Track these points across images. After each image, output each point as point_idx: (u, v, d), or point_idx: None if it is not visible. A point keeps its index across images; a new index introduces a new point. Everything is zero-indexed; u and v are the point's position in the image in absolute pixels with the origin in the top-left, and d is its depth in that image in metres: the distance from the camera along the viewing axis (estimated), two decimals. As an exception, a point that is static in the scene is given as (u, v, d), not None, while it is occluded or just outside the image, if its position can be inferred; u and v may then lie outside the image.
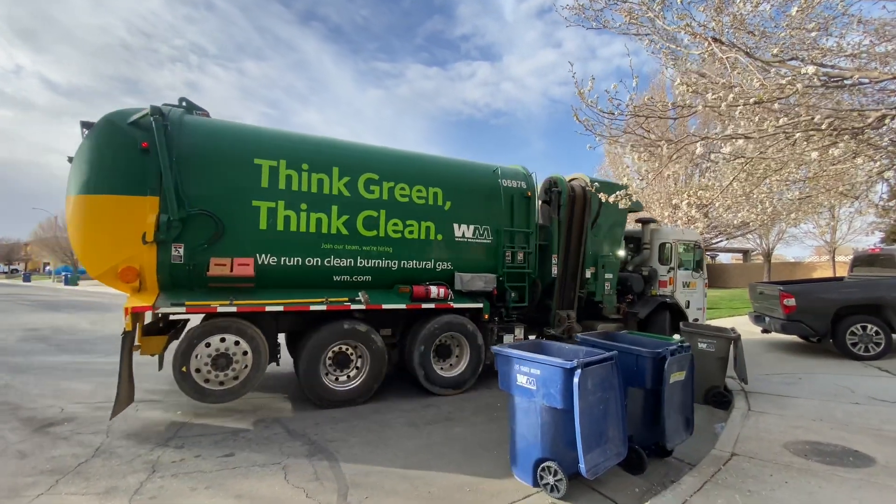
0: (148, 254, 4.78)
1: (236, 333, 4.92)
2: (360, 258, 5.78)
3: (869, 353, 7.66)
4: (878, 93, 3.81)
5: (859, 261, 9.74)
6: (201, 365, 4.77)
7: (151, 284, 4.88)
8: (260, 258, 5.22)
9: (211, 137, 5.26)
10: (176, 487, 3.43)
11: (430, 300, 5.94)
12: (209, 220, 5.02)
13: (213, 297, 4.92)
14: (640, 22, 4.47)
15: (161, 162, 4.75)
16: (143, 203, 4.76)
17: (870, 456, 3.76)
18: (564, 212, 7.39)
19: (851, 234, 27.88)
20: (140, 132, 4.81)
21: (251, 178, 5.26)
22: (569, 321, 7.27)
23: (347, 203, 5.74)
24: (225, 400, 4.90)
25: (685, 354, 4.00)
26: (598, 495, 3.37)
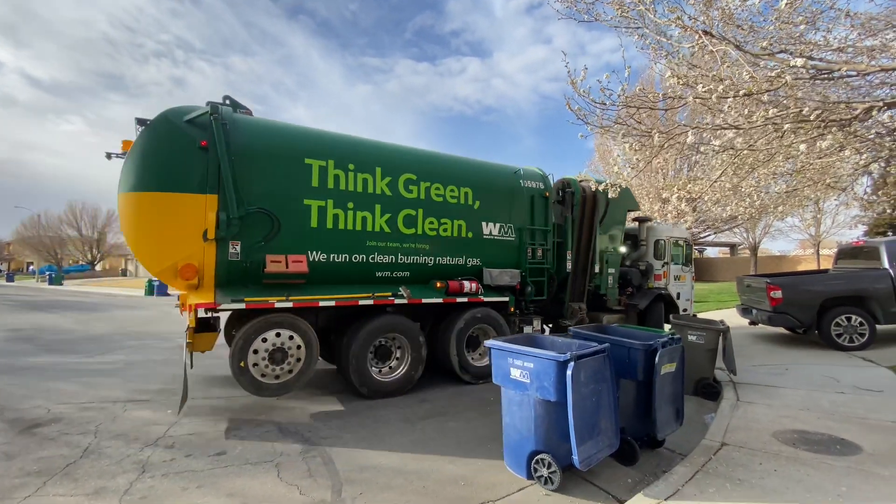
0: (207, 251, 4.85)
1: (290, 328, 5.04)
2: (400, 255, 6.07)
3: (853, 343, 7.81)
4: (866, 85, 3.87)
5: (843, 254, 9.91)
6: (259, 360, 4.88)
7: (208, 281, 4.92)
8: (311, 255, 5.39)
9: (264, 136, 5.36)
10: (166, 487, 3.38)
11: (463, 294, 6.25)
12: (266, 218, 5.15)
13: (267, 293, 5.04)
14: (630, 16, 4.48)
15: (221, 160, 4.82)
16: (202, 201, 4.81)
17: (856, 444, 3.84)
18: (577, 211, 7.90)
19: (835, 228, 28.39)
20: (197, 130, 4.85)
21: (302, 178, 5.42)
22: (580, 313, 7.79)
23: (389, 202, 5.99)
24: (280, 393, 5.06)
25: (676, 346, 4.04)
26: (592, 486, 3.39)
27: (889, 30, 3.83)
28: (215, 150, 4.82)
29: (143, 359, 8.03)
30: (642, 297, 8.77)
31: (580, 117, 4.65)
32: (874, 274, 8.15)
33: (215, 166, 4.84)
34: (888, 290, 7.88)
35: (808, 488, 3.12)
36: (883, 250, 8.23)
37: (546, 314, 7.79)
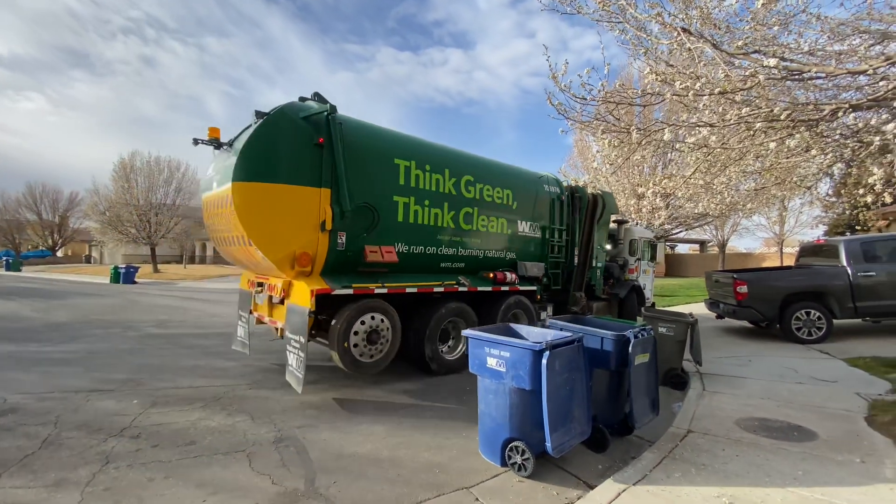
0: (321, 241, 5.19)
1: (382, 312, 5.49)
2: (460, 248, 6.74)
3: (811, 336, 8.19)
4: (833, 88, 4.02)
5: (805, 251, 10.34)
6: (359, 340, 5.26)
7: (317, 269, 5.29)
8: (397, 246, 5.91)
9: (365, 136, 5.77)
10: (132, 478, 3.28)
11: (506, 283, 7.03)
12: (368, 211, 5.58)
13: (364, 280, 5.51)
14: (611, 10, 4.51)
15: (336, 157, 5.17)
16: (317, 194, 5.13)
17: (812, 431, 4.04)
18: (582, 214, 8.97)
19: (798, 227, 29.76)
20: (311, 128, 5.13)
21: (393, 176, 5.89)
22: (582, 300, 8.80)
23: (454, 200, 6.60)
24: (373, 371, 5.50)
25: (648, 337, 4.15)
26: (564, 472, 3.46)
27: (856, 35, 3.98)
28: (331, 148, 5.17)
29: (108, 347, 7.75)
30: (621, 288, 10.10)
31: (561, 112, 4.68)
32: (832, 271, 8.54)
33: (329, 162, 5.18)
34: (845, 287, 8.28)
35: (768, 472, 3.27)
36: (842, 249, 8.63)
37: (555, 301, 8.68)
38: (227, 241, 5.68)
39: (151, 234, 32.11)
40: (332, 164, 5.18)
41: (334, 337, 5.10)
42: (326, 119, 5.17)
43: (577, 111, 4.38)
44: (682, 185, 6.32)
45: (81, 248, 58.05)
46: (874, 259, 8.46)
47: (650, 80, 4.01)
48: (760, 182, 6.63)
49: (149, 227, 31.88)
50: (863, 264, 8.35)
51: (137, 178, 32.08)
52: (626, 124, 4.52)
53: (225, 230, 5.49)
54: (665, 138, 4.09)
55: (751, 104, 3.56)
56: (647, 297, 11.00)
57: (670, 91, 3.74)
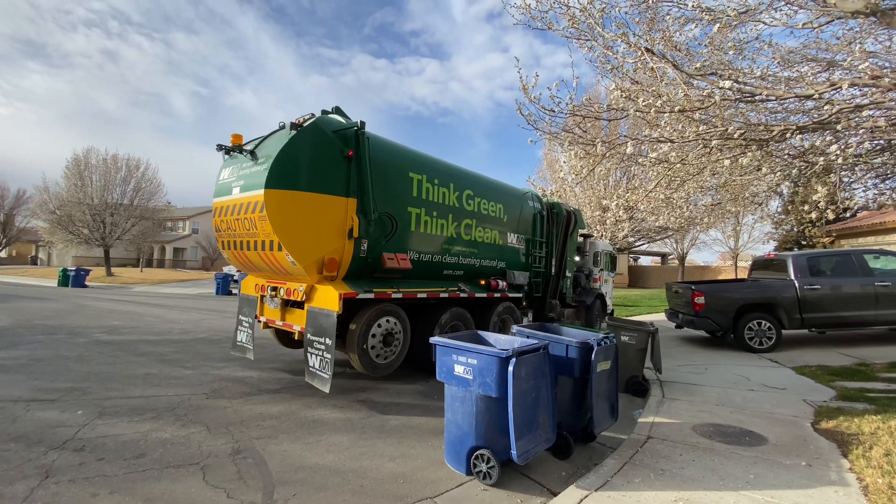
0: (347, 248, 5.42)
1: (395, 316, 5.79)
2: (460, 257, 7.15)
3: (762, 346, 8.60)
4: (782, 111, 4.28)
5: (757, 265, 10.88)
6: (376, 343, 5.56)
7: (341, 275, 5.54)
8: (410, 254, 6.25)
9: (385, 151, 6.07)
10: (74, 493, 3.06)
11: (498, 290, 7.54)
12: (388, 221, 5.91)
13: (381, 285, 5.79)
14: (580, 28, 4.67)
15: (363, 170, 5.46)
16: (345, 203, 5.40)
17: (762, 436, 4.22)
18: (559, 228, 9.68)
19: (751, 243, 31.43)
20: (340, 141, 5.42)
21: (408, 188, 6.24)
22: (557, 307, 9.63)
23: (457, 213, 7.03)
24: (386, 372, 5.76)
25: (610, 345, 4.24)
26: (528, 480, 3.48)
27: (804, 63, 4.27)
28: (359, 160, 5.46)
29: (52, 355, 7.26)
30: (588, 296, 10.97)
31: (530, 123, 4.80)
32: (781, 284, 9.02)
33: (356, 174, 5.48)
34: (793, 299, 8.75)
35: (722, 476, 3.38)
36: (790, 263, 9.13)
37: (534, 308, 9.26)
38: (245, 246, 5.77)
39: (105, 236, 30.44)
40: (358, 175, 5.48)
41: (354, 339, 5.35)
42: (356, 134, 5.49)
43: (546, 122, 4.49)
44: (644, 199, 6.55)
45: (27, 249, 54.49)
46: (819, 273, 9.00)
47: (616, 97, 4.16)
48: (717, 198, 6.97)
49: (103, 227, 30.22)
50: (809, 278, 8.86)
51: (92, 176, 30.45)
52: (592, 137, 4.66)
53: (247, 235, 5.60)
54: (628, 151, 4.23)
55: (708, 123, 3.74)
56: (608, 304, 12.04)
57: (634, 107, 3.89)
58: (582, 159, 4.59)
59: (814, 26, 4.03)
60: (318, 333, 5.19)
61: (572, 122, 4.87)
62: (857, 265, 8.94)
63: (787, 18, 4.22)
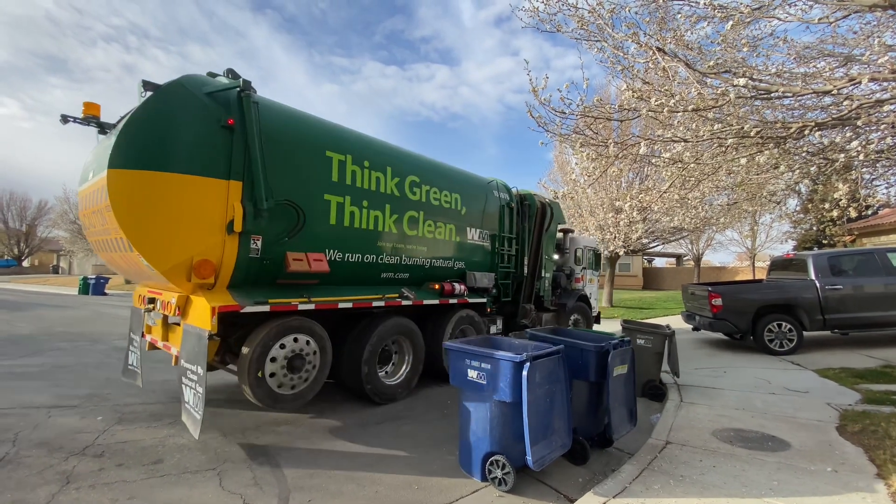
0: (229, 246, 4.23)
1: (307, 332, 4.62)
2: (403, 256, 6.03)
3: (783, 348, 8.40)
4: (799, 108, 4.19)
5: (776, 265, 10.66)
6: (277, 368, 4.33)
7: (223, 281, 4.32)
8: (328, 253, 5.07)
9: (290, 122, 4.92)
10: (93, 499, 3.11)
11: (454, 296, 6.46)
12: (292, 211, 4.69)
13: (285, 293, 4.63)
14: (590, 29, 4.64)
15: (250, 144, 4.28)
16: (224, 188, 4.19)
17: (786, 441, 4.11)
18: (531, 222, 8.57)
19: (769, 242, 30.81)
20: (219, 106, 4.21)
21: (324, 171, 5.06)
22: (532, 313, 8.41)
23: (397, 203, 5.91)
24: (296, 405, 4.57)
25: (626, 349, 4.18)
26: (544, 486, 3.43)
27: (821, 58, 4.18)
28: (243, 132, 4.28)
29: (74, 362, 7.42)
30: (569, 298, 9.82)
31: (541, 125, 4.77)
32: (802, 284, 8.81)
33: (241, 149, 4.28)
34: (814, 300, 8.54)
35: (744, 483, 3.30)
36: (810, 263, 8.92)
37: (504, 314, 8.17)
38: (105, 246, 4.67)
39: (124, 245, 31.08)
40: (244, 151, 4.28)
41: (245, 365, 4.15)
42: (238, 97, 4.30)
43: (556, 124, 4.46)
44: (657, 200, 6.47)
45: (49, 259, 55.89)
46: (841, 273, 8.77)
47: (627, 97, 4.12)
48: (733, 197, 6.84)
49: (122, 236, 30.87)
50: (830, 278, 8.64)
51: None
52: (603, 138, 4.61)
53: (102, 232, 4.48)
54: (641, 152, 4.18)
55: (722, 121, 3.68)
56: (593, 306, 10.81)
57: (646, 107, 3.84)
58: (594, 161, 4.54)
59: (830, 21, 3.94)
60: (191, 360, 4.09)
61: (583, 124, 4.84)
62: (881, 264, 8.69)
63: (803, 14, 4.14)
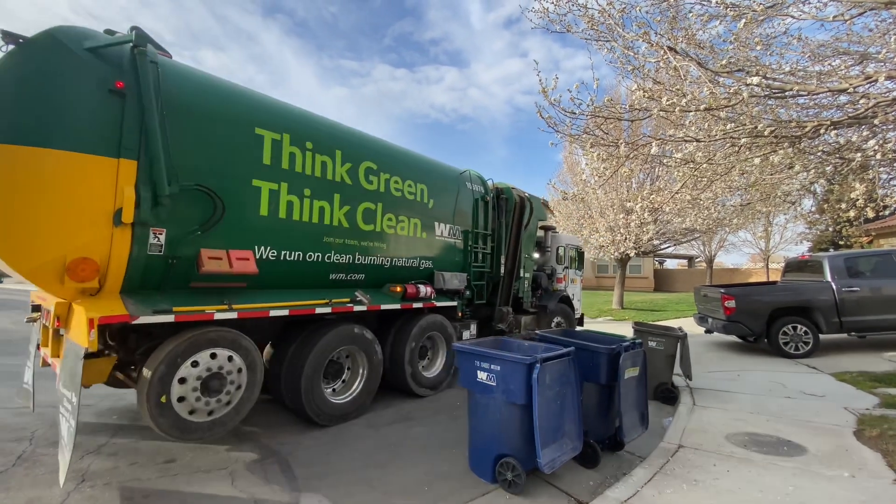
0: (117, 241, 3.44)
1: (230, 346, 3.83)
2: (357, 254, 5.27)
3: (799, 351, 8.25)
4: (814, 106, 4.13)
5: (790, 267, 10.48)
6: (188, 391, 3.57)
7: (114, 284, 3.53)
8: (259, 251, 4.28)
9: (205, 90, 4.10)
10: (108, 497, 3.16)
11: (419, 299, 5.79)
12: (206, 199, 3.89)
13: (200, 300, 3.85)
14: (599, 29, 4.63)
15: (147, 113, 3.48)
16: (112, 168, 3.37)
17: (802, 446, 4.03)
18: (509, 217, 7.93)
19: (783, 244, 30.38)
20: (105, 65, 3.41)
21: (252, 151, 4.26)
22: (509, 316, 7.74)
23: (349, 192, 5.14)
24: (215, 434, 3.79)
25: (638, 351, 4.14)
26: (555, 489, 3.40)
27: (836, 56, 4.11)
28: (137, 98, 3.47)
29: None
30: (550, 299, 9.21)
31: (550, 125, 4.76)
32: (818, 286, 8.65)
33: (134, 121, 3.47)
34: (830, 302, 8.38)
35: (760, 488, 3.24)
36: (826, 264, 8.76)
37: (479, 318, 7.52)
38: None
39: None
40: (140, 123, 3.49)
41: (143, 390, 3.39)
42: (132, 55, 3.51)
43: (566, 124, 4.44)
44: (669, 200, 6.40)
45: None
46: (858, 274, 8.60)
47: (638, 97, 4.09)
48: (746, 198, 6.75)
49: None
50: (847, 280, 8.48)
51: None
52: (614, 138, 4.59)
53: None
54: (652, 152, 4.15)
55: (735, 121, 3.64)
56: (575, 307, 10.25)
57: (657, 107, 3.81)
58: (604, 161, 4.51)
59: (845, 18, 3.88)
60: (66, 384, 3.30)
61: (593, 124, 4.81)
62: (900, 265, 8.50)
63: (817, 11, 4.08)
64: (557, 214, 18.52)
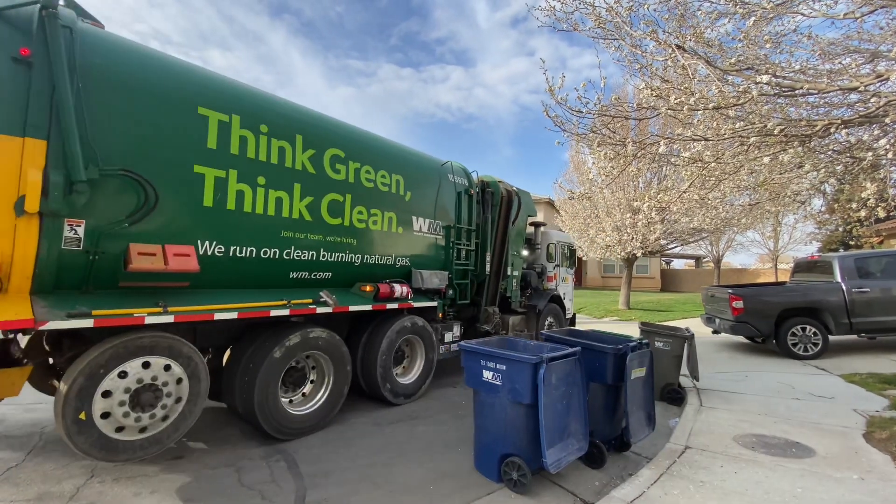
0: (22, 233, 3.01)
1: (167, 354, 3.43)
2: (322, 250, 4.81)
3: (808, 352, 8.17)
4: (824, 105, 4.09)
5: (800, 267, 10.38)
6: (113, 405, 3.16)
7: (20, 283, 3.08)
8: (202, 246, 3.84)
9: (134, 64, 3.58)
10: (117, 492, 3.19)
11: (394, 300, 5.35)
12: (134, 186, 3.44)
13: (130, 302, 3.40)
14: (607, 28, 4.60)
15: (58, 85, 3.06)
16: (15, 148, 2.96)
17: (810, 447, 3.99)
18: (495, 212, 7.57)
19: (792, 244, 30.05)
20: (6, 28, 2.99)
21: (194, 134, 3.82)
22: (495, 317, 7.41)
23: (312, 182, 4.68)
24: (147, 453, 3.37)
25: (644, 351, 4.12)
26: (560, 489, 3.40)
27: (846, 55, 4.07)
28: (46, 67, 3.06)
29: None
30: (539, 299, 8.86)
31: (557, 124, 4.74)
32: (827, 287, 8.56)
33: (44, 93, 3.06)
34: (840, 303, 8.29)
35: (767, 490, 3.22)
36: (836, 265, 8.66)
37: (463, 318, 7.19)
38: None
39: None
40: (50, 96, 3.08)
41: (59, 406, 3.02)
42: (40, 17, 3.07)
43: (573, 123, 4.43)
44: (677, 200, 6.36)
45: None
46: (869, 275, 8.50)
47: (645, 96, 4.07)
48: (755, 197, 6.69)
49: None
50: (857, 280, 8.38)
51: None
52: (621, 137, 4.56)
53: None
54: (661, 151, 4.13)
55: (745, 119, 3.61)
56: (567, 307, 9.90)
57: (665, 106, 3.79)
58: (612, 160, 4.49)
59: (856, 16, 3.83)
60: None
61: (600, 123, 4.79)
62: (911, 266, 8.39)
63: (827, 9, 4.03)
64: (564, 214, 18.46)
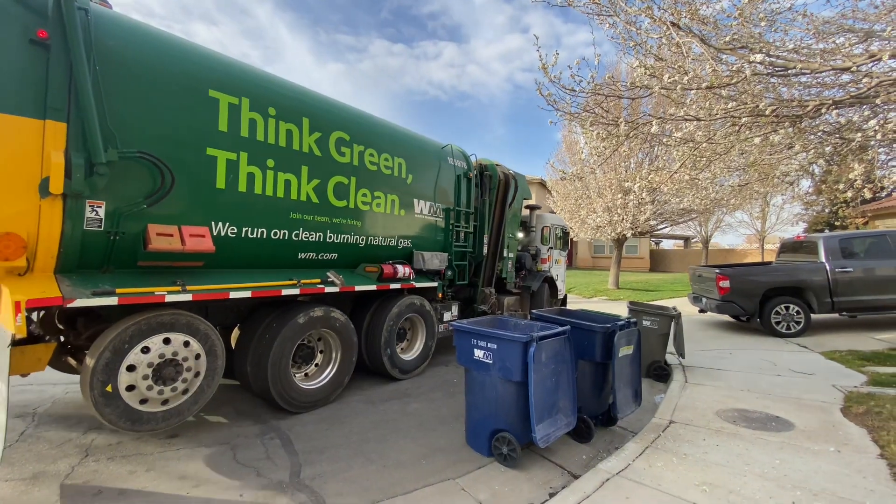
0: (46, 214, 3.08)
1: (186, 331, 3.59)
2: (329, 232, 4.94)
3: (790, 330, 8.38)
4: (817, 85, 4.09)
5: (786, 247, 10.55)
6: (138, 379, 3.33)
7: (46, 263, 3.18)
8: (216, 227, 3.94)
9: (147, 46, 3.61)
10: (112, 471, 3.22)
11: (397, 280, 5.53)
12: (151, 168, 3.52)
13: (149, 281, 3.53)
14: (601, 3, 4.52)
15: (76, 69, 3.09)
16: (37, 131, 3.01)
17: (789, 421, 4.14)
18: (493, 195, 7.72)
19: (779, 224, 30.52)
20: (23, 11, 3.00)
21: (206, 117, 3.88)
22: (492, 297, 7.67)
23: (319, 165, 4.76)
24: (169, 424, 3.55)
25: (632, 329, 4.20)
26: (549, 463, 3.50)
27: (840, 34, 4.05)
28: (64, 51, 3.09)
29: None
30: (533, 280, 9.12)
31: (550, 103, 4.70)
32: (811, 266, 8.73)
33: (62, 76, 3.09)
34: (823, 282, 8.47)
35: (747, 461, 3.34)
36: (821, 245, 8.81)
37: (460, 299, 7.38)
38: None
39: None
40: (69, 79, 3.12)
41: (87, 378, 3.18)
42: (60, 1, 3.09)
43: (566, 102, 4.39)
44: (667, 181, 6.39)
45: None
46: (852, 255, 8.68)
47: (639, 74, 4.03)
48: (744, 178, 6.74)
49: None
50: (841, 260, 8.55)
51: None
52: (614, 117, 4.54)
53: None
54: (653, 131, 4.12)
55: (737, 99, 3.60)
56: (559, 288, 10.25)
57: (658, 84, 3.76)
58: (604, 140, 4.47)
59: (852, -6, 3.81)
60: None
61: (593, 102, 4.76)
62: (893, 246, 8.58)
63: (824, -14, 4.01)
64: (555, 194, 18.46)
